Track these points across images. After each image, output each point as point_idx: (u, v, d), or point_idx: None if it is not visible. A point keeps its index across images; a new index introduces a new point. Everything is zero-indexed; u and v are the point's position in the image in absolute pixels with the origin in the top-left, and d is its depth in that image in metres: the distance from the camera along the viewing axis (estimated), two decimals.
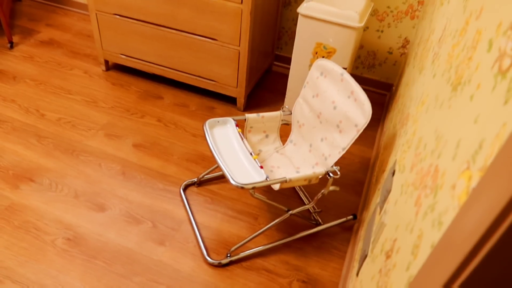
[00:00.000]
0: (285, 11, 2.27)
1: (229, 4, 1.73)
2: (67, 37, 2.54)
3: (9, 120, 1.89)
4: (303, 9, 1.67)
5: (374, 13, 2.09)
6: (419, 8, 2.00)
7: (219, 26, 1.81)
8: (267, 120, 1.50)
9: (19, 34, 2.52)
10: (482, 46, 0.60)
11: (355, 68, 2.32)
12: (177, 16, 1.86)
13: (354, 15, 1.61)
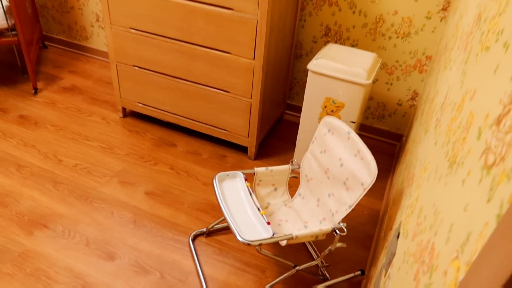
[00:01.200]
0: (296, 63, 2.35)
1: (242, 59, 1.81)
2: (88, 84, 2.66)
3: (28, 165, 1.96)
4: (313, 66, 1.74)
5: (383, 66, 2.15)
6: (427, 63, 2.05)
7: (232, 80, 1.89)
8: (275, 174, 1.53)
9: (44, 80, 2.66)
10: (474, 131, 0.63)
11: (365, 118, 2.36)
12: (192, 69, 1.95)
13: (362, 73, 1.66)
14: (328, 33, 2.18)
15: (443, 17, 1.91)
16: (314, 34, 2.21)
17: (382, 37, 2.07)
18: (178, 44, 1.91)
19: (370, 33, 2.09)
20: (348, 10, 2.07)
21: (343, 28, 2.13)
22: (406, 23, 1.99)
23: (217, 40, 1.81)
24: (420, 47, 2.02)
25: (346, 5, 2.06)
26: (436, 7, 1.90)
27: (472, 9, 1.08)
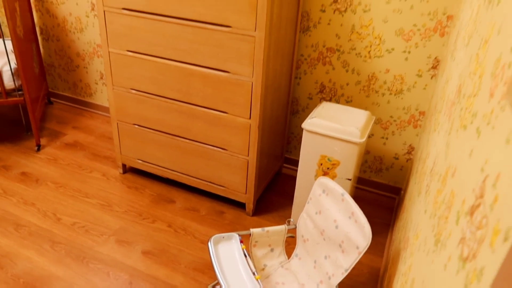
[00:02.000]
0: (293, 118, 2.40)
1: (238, 119, 1.86)
2: (90, 139, 2.71)
3: (27, 225, 1.97)
4: (307, 125, 1.78)
5: (378, 121, 2.19)
6: (420, 118, 2.09)
7: (229, 138, 1.93)
8: (272, 234, 1.53)
9: (47, 136, 2.72)
10: (453, 213, 0.64)
11: (362, 172, 2.37)
12: (191, 128, 2.00)
13: (355, 131, 1.70)
14: (323, 90, 2.24)
15: (433, 75, 1.97)
16: (309, 91, 2.28)
17: (375, 93, 2.13)
18: (177, 104, 1.97)
19: (363, 90, 2.15)
20: (341, 69, 2.15)
21: (337, 86, 2.20)
22: (398, 81, 2.06)
23: (214, 100, 1.87)
24: (413, 103, 2.07)
25: (339, 64, 2.14)
26: (426, 65, 1.97)
27: (455, 78, 1.13)
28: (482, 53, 0.77)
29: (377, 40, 2.01)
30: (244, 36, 1.68)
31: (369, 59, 2.07)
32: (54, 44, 2.99)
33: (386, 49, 2.01)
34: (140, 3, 1.83)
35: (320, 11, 2.07)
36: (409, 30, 1.93)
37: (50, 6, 2.85)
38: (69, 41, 2.92)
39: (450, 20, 1.84)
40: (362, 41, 2.05)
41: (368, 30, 2.01)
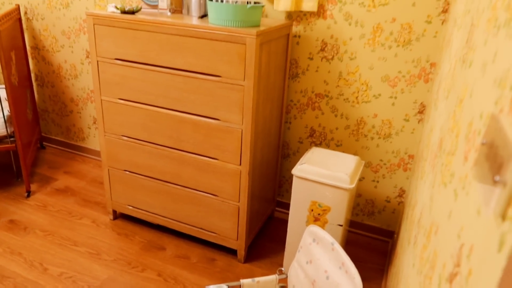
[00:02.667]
0: (284, 162, 2.42)
1: (229, 165, 1.87)
2: (81, 185, 2.70)
3: (12, 276, 1.91)
4: (297, 171, 1.79)
5: (368, 165, 2.21)
6: (410, 161, 2.11)
7: (219, 184, 1.93)
8: (262, 285, 1.50)
9: (38, 182, 2.70)
10: (436, 276, 0.64)
11: (355, 215, 2.36)
12: (181, 174, 2.00)
13: (345, 177, 1.71)
14: (313, 134, 2.27)
15: (420, 120, 2.01)
16: (299, 135, 2.31)
17: (364, 137, 2.16)
18: (168, 150, 1.98)
19: (353, 134, 2.18)
20: (330, 114, 2.19)
21: (327, 130, 2.23)
22: (386, 125, 2.09)
23: (205, 147, 1.89)
24: (402, 146, 2.10)
25: (328, 109, 2.18)
26: (413, 110, 2.01)
27: (437, 129, 1.15)
28: (458, 112, 0.80)
29: (364, 86, 2.06)
30: (233, 85, 1.72)
31: (357, 104, 2.11)
32: (49, 90, 3.03)
33: (373, 94, 2.06)
34: (132, 54, 1.88)
35: (308, 58, 2.14)
36: (395, 76, 1.99)
37: (46, 54, 2.92)
38: (63, 87, 2.96)
39: (433, 67, 1.90)
40: (349, 87, 2.10)
41: (355, 77, 2.07)
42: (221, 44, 1.67)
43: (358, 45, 2.01)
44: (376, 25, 1.94)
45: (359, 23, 1.97)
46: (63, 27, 2.77)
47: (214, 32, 1.66)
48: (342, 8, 1.97)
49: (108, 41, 1.91)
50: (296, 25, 2.10)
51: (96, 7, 2.60)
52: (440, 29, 1.84)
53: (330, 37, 2.05)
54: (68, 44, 2.80)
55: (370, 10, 1.93)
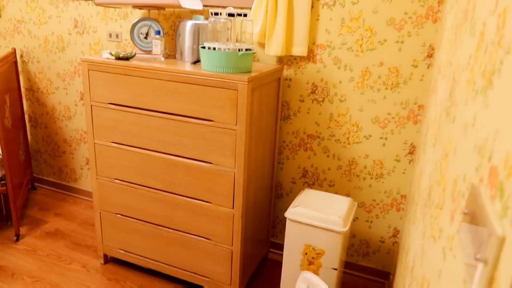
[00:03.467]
0: (278, 202, 2.41)
1: (221, 208, 1.86)
2: (72, 227, 2.65)
3: None
4: (290, 214, 1.78)
5: (362, 205, 2.21)
6: (403, 201, 2.12)
7: (212, 228, 1.91)
8: None
9: (28, 225, 2.65)
10: None
11: (350, 256, 2.33)
12: (174, 217, 1.98)
13: (338, 220, 1.70)
14: (305, 174, 2.28)
15: (411, 160, 2.04)
16: (292, 175, 2.32)
17: (357, 178, 2.17)
18: (161, 193, 1.98)
19: (345, 174, 2.19)
20: (322, 154, 2.21)
21: (319, 170, 2.24)
22: (378, 165, 2.11)
23: (197, 190, 1.88)
24: (394, 187, 2.11)
25: (320, 149, 2.20)
26: (403, 151, 2.04)
27: (426, 176, 1.17)
28: (444, 165, 0.81)
29: (355, 127, 2.10)
30: (225, 130, 1.74)
31: (349, 145, 2.14)
32: (42, 131, 3.04)
33: (364, 135, 2.09)
34: (126, 99, 1.90)
35: (299, 101, 2.18)
36: (384, 118, 2.03)
37: (41, 95, 2.95)
38: (57, 128, 2.97)
39: (421, 109, 1.95)
40: (340, 128, 2.13)
41: (346, 118, 2.10)
42: (213, 90, 1.71)
43: (347, 88, 2.06)
44: (365, 68, 1.99)
45: (348, 67, 2.02)
46: (58, 70, 2.81)
47: (206, 78, 1.70)
48: (331, 52, 2.04)
49: (102, 86, 1.94)
50: (287, 69, 2.15)
51: (92, 51, 2.66)
52: (426, 73, 1.89)
53: (320, 80, 2.10)
54: (63, 86, 2.84)
55: (358, 55, 1.99)
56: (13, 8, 2.83)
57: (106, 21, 2.55)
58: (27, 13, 2.79)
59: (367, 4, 1.91)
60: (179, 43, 2.02)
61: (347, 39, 1.99)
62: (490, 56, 0.55)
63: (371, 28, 1.93)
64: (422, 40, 1.86)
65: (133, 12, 2.45)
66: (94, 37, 2.62)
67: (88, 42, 2.64)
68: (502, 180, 0.39)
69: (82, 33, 2.65)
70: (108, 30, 2.55)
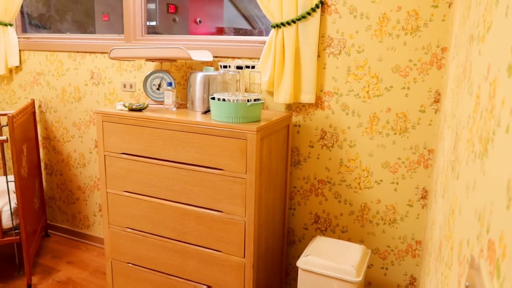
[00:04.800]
0: (290, 249, 2.37)
1: (232, 258, 1.84)
2: (83, 276, 2.64)
3: None
4: (302, 264, 1.75)
5: (376, 251, 2.16)
6: (418, 248, 2.07)
7: (223, 277, 1.88)
8: None
9: (40, 273, 2.65)
10: None
11: None
12: (185, 266, 1.97)
13: (351, 270, 1.67)
14: (318, 220, 2.26)
15: (424, 205, 2.00)
16: (304, 221, 2.29)
17: (369, 223, 2.14)
18: (172, 242, 1.97)
19: (357, 220, 2.16)
20: (334, 200, 2.19)
21: (331, 216, 2.22)
22: (390, 211, 2.08)
23: (208, 239, 1.88)
24: (408, 232, 2.07)
25: (331, 195, 2.19)
26: (415, 195, 2.01)
27: (437, 228, 1.15)
28: (451, 221, 0.81)
29: (365, 172, 2.09)
30: (235, 178, 1.75)
31: (360, 190, 2.13)
32: (57, 178, 3.10)
33: (375, 180, 2.08)
34: (138, 149, 1.95)
35: (308, 146, 2.19)
36: (395, 163, 2.02)
37: (57, 143, 3.03)
38: (71, 175, 3.03)
39: (431, 153, 1.94)
40: (351, 173, 2.13)
41: (356, 163, 2.10)
42: (223, 140, 1.74)
43: (356, 133, 2.07)
44: (373, 114, 2.02)
45: (356, 113, 2.05)
46: (74, 119, 2.91)
47: (216, 128, 1.74)
48: (338, 99, 2.07)
49: (116, 136, 2.00)
50: (296, 115, 2.19)
51: (106, 101, 2.75)
52: (434, 118, 1.90)
53: (329, 126, 2.12)
54: (78, 135, 2.92)
55: (366, 101, 2.02)
56: (34, 61, 2.98)
57: (120, 72, 2.65)
58: (47, 66, 2.93)
59: (372, 52, 1.96)
60: (190, 93, 2.08)
61: (354, 86, 2.03)
62: (485, 123, 0.56)
63: (377, 75, 1.97)
64: (428, 86, 1.89)
65: (147, 64, 2.56)
66: (109, 88, 2.72)
67: (103, 92, 2.74)
68: (498, 258, 0.39)
69: (97, 84, 2.75)
70: (123, 81, 2.65)
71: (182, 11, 4.43)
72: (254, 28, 4.72)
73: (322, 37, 2.05)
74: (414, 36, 1.88)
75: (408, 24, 1.88)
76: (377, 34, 1.94)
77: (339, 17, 2.00)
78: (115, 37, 2.68)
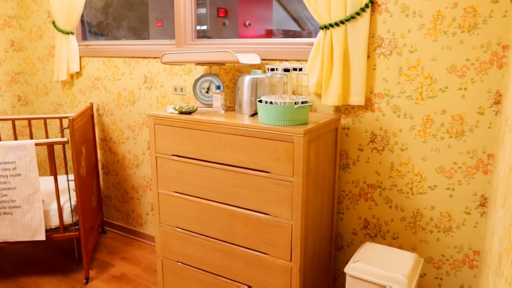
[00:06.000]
0: (338, 254, 2.33)
1: (279, 261, 1.84)
2: (136, 272, 2.75)
3: None
4: (350, 270, 1.71)
5: (429, 260, 2.06)
6: (476, 258, 1.95)
7: (270, 281, 1.88)
8: None
9: (97, 268, 2.80)
10: None
11: None
12: (232, 268, 1.99)
13: (402, 279, 1.60)
14: (367, 225, 2.19)
15: (483, 213, 1.89)
16: (353, 226, 2.24)
17: (422, 231, 2.05)
18: (219, 243, 2.00)
19: (409, 227, 2.08)
20: (384, 205, 2.12)
21: (381, 221, 2.15)
22: (445, 218, 1.98)
23: (255, 241, 1.88)
24: (465, 241, 1.95)
25: (382, 200, 2.12)
26: (473, 203, 1.90)
27: (496, 239, 1.08)
28: None
29: (418, 177, 2.00)
30: (282, 181, 1.75)
31: (412, 195, 2.04)
32: (113, 178, 3.26)
33: (429, 186, 1.99)
34: (187, 151, 2.00)
35: (358, 149, 2.14)
36: (450, 167, 1.92)
37: (113, 145, 3.18)
38: (126, 175, 3.17)
39: (491, 158, 1.82)
40: (402, 178, 2.05)
41: (408, 168, 2.02)
42: (270, 142, 1.74)
43: (408, 137, 1.99)
44: (426, 117, 1.93)
45: (408, 115, 1.97)
46: (129, 122, 3.04)
47: (263, 131, 1.74)
48: (389, 101, 2.00)
49: (166, 139, 2.06)
50: (344, 118, 2.14)
51: (158, 104, 2.85)
52: (494, 120, 1.79)
53: (379, 129, 2.06)
54: (132, 136, 3.05)
55: (418, 103, 1.93)
56: (92, 67, 3.15)
57: (172, 76, 2.74)
58: (104, 71, 3.09)
59: (425, 52, 1.88)
60: (238, 96, 2.11)
61: (406, 87, 1.95)
62: None
63: (431, 76, 1.88)
64: (488, 87, 1.77)
65: (196, 68, 2.62)
66: (161, 91, 2.81)
67: (156, 95, 2.85)
68: None
69: (150, 88, 2.86)
70: (174, 85, 2.74)
71: (232, 15, 4.49)
72: (303, 30, 4.69)
73: (372, 37, 1.99)
74: (471, 34, 1.77)
75: (465, 22, 1.78)
76: (431, 33, 1.86)
77: (390, 16, 1.93)
78: (167, 42, 2.77)
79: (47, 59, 3.46)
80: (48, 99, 3.55)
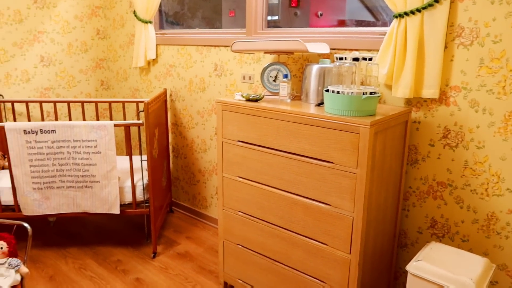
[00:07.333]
0: (401, 252, 2.25)
1: (338, 252, 1.82)
2: (199, 251, 2.88)
3: None
4: (412, 268, 1.65)
5: (503, 267, 1.92)
6: None
7: (328, 271, 1.88)
8: None
9: (163, 244, 2.97)
10: None
11: None
12: (290, 255, 2.01)
13: (469, 283, 1.51)
14: (434, 225, 2.09)
15: None
16: (419, 225, 2.15)
17: (497, 235, 1.91)
18: (279, 230, 2.03)
19: (482, 230, 1.95)
20: (454, 205, 2.01)
21: (450, 222, 2.03)
22: None
23: (314, 231, 1.89)
24: None
25: (452, 199, 2.01)
26: None
27: None
28: None
29: (495, 177, 1.87)
30: (345, 173, 1.72)
31: (487, 197, 1.91)
32: (182, 160, 3.42)
33: (507, 188, 1.84)
34: (252, 138, 2.04)
35: (428, 145, 2.04)
36: None
37: (183, 129, 3.33)
38: (194, 159, 3.31)
39: None
40: (477, 178, 1.92)
41: (484, 167, 1.89)
42: (335, 132, 1.72)
43: (486, 134, 1.86)
44: (508, 113, 1.78)
45: (488, 110, 1.83)
46: (199, 108, 3.16)
47: (328, 120, 1.73)
48: (467, 95, 1.88)
49: (233, 125, 2.12)
50: (415, 111, 2.05)
51: (227, 91, 2.93)
52: None
53: (453, 124, 1.94)
54: (201, 122, 3.17)
55: (501, 98, 1.79)
56: (167, 55, 3.31)
57: (241, 64, 2.79)
58: (177, 58, 3.23)
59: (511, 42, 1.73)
60: (305, 85, 2.10)
61: (487, 81, 1.81)
62: None
63: None
64: None
65: (265, 56, 2.64)
66: (230, 79, 2.88)
67: (225, 83, 2.92)
68: None
69: (220, 75, 2.95)
70: (242, 73, 2.79)
71: (304, 5, 4.45)
72: (377, 20, 4.52)
73: (451, 26, 1.87)
74: None
75: None
76: None
77: (472, 3, 1.80)
78: (238, 31, 2.83)
79: (127, 46, 3.69)
80: (127, 84, 3.80)
